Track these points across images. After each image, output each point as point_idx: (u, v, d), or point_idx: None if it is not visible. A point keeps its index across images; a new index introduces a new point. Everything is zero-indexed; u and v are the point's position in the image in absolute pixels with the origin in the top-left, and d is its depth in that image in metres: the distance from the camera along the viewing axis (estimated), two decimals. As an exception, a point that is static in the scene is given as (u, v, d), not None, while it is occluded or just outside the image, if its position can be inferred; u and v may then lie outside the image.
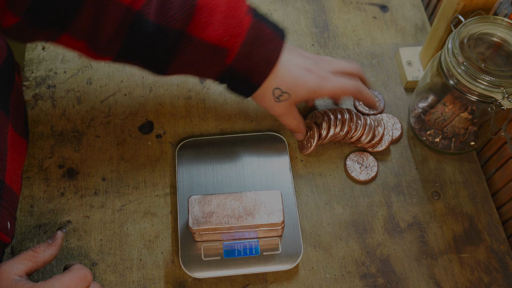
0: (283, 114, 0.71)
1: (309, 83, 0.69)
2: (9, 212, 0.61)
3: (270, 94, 0.68)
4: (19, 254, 0.57)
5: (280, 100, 0.69)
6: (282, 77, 0.67)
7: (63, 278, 0.56)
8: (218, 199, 0.66)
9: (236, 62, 0.65)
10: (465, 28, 0.66)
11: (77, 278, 0.56)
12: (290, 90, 0.68)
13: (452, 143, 0.76)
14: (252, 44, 0.64)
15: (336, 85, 0.70)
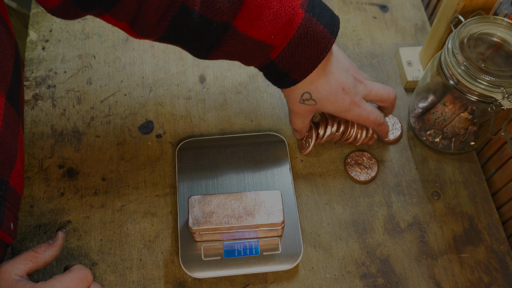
0: (297, 114, 0.71)
1: (340, 104, 0.68)
2: (12, 213, 0.61)
3: (299, 94, 0.67)
4: (20, 254, 0.57)
5: (304, 103, 0.68)
6: (318, 86, 0.66)
7: (63, 278, 0.56)
8: (218, 199, 0.66)
9: (279, 58, 0.64)
10: (465, 28, 0.66)
11: (78, 279, 0.56)
12: (318, 100, 0.67)
13: (452, 143, 0.76)
14: (300, 44, 0.62)
15: (361, 115, 0.70)
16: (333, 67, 0.66)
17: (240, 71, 0.84)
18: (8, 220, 0.60)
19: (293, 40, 0.62)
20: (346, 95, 0.67)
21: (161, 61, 0.84)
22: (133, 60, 0.84)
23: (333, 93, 0.67)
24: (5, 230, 0.59)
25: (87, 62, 0.83)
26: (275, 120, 0.79)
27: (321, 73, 0.66)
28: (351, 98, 0.68)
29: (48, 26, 0.86)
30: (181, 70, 0.83)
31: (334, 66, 0.66)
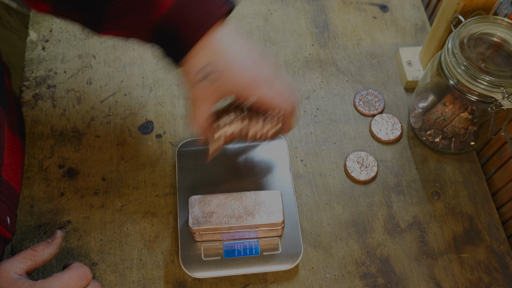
0: (198, 99, 0.60)
1: (245, 77, 0.58)
2: (8, 207, 0.61)
3: (196, 69, 0.58)
4: (19, 253, 0.58)
5: (207, 79, 0.58)
6: (220, 52, 0.57)
7: (62, 276, 0.56)
8: (218, 199, 0.66)
9: (167, 17, 0.55)
10: (465, 28, 0.66)
11: (77, 276, 0.56)
12: (222, 74, 0.57)
13: (452, 143, 0.76)
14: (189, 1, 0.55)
15: (267, 95, 0.60)
16: (232, 40, 0.58)
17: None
18: (4, 213, 0.60)
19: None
20: (254, 65, 0.59)
21: (161, 61, 0.84)
22: (133, 60, 0.84)
23: (232, 68, 0.57)
24: (1, 223, 0.59)
25: (87, 62, 0.83)
26: (275, 120, 0.79)
27: (218, 43, 0.57)
28: (252, 76, 0.59)
29: (48, 26, 0.86)
30: (181, 70, 0.83)
31: (233, 39, 0.58)
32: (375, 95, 0.82)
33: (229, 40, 0.58)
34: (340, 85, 0.83)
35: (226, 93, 0.60)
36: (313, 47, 0.86)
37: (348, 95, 0.82)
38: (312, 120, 0.80)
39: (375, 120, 0.79)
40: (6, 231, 0.61)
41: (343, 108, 0.81)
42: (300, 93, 0.82)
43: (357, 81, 0.83)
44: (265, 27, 0.88)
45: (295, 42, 0.87)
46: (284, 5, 0.90)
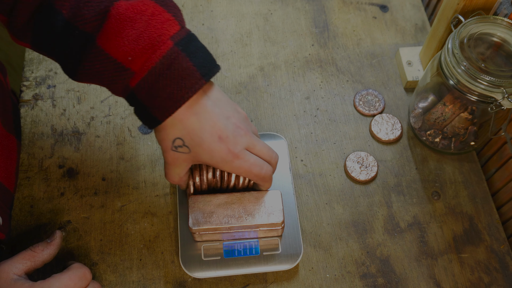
0: (171, 165, 0.61)
1: (216, 154, 0.59)
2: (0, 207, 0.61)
3: (170, 139, 0.59)
4: (18, 253, 0.58)
5: (177, 151, 0.59)
6: (189, 130, 0.58)
7: (62, 277, 0.56)
8: (218, 199, 0.66)
9: (139, 89, 0.56)
10: (465, 28, 0.66)
11: (77, 277, 0.56)
12: (192, 148, 0.59)
13: (452, 143, 0.76)
14: (161, 75, 0.55)
15: (242, 168, 0.61)
16: (208, 112, 0.58)
17: (240, 71, 0.84)
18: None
19: (154, 69, 0.55)
20: (222, 143, 0.59)
21: (161, 61, 0.84)
22: (133, 60, 0.84)
23: (207, 141, 0.58)
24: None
25: (87, 62, 0.83)
26: (275, 120, 0.79)
27: (193, 116, 0.57)
28: (228, 147, 0.59)
29: (48, 26, 0.86)
30: (181, 70, 0.83)
31: (209, 111, 0.58)
32: (375, 95, 0.82)
33: (202, 113, 0.58)
34: (340, 85, 0.83)
35: (203, 162, 0.61)
36: (313, 47, 0.86)
37: (348, 95, 0.82)
38: (312, 120, 0.80)
39: (375, 120, 0.79)
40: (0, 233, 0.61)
41: (343, 108, 0.81)
42: (300, 93, 0.82)
43: (357, 81, 0.83)
44: (265, 27, 0.88)
45: (295, 42, 0.87)
46: (284, 5, 0.90)
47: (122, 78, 0.56)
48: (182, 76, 0.55)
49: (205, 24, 0.88)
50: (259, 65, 0.84)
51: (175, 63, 0.55)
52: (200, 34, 0.87)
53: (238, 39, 0.87)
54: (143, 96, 0.56)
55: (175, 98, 0.55)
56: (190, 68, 0.56)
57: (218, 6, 0.90)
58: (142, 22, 0.55)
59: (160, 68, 0.55)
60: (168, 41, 0.55)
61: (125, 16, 0.54)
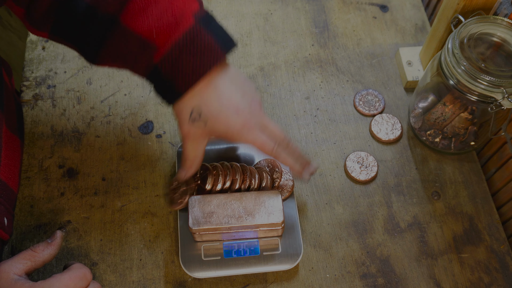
0: (188, 138, 0.63)
1: (232, 125, 0.61)
2: (5, 208, 0.61)
3: (187, 112, 0.61)
4: (18, 253, 0.58)
5: (194, 125, 0.61)
6: (207, 101, 0.60)
7: (62, 277, 0.56)
8: (218, 199, 0.66)
9: (163, 63, 0.59)
10: (465, 28, 0.66)
11: (77, 277, 0.56)
12: (208, 120, 0.61)
13: (452, 143, 0.76)
14: (185, 49, 0.58)
15: (256, 141, 0.63)
16: (226, 86, 0.61)
17: (240, 71, 0.84)
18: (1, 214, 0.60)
19: (177, 44, 0.58)
20: (239, 116, 0.61)
21: (161, 61, 0.84)
22: (133, 60, 0.84)
23: (224, 112, 0.61)
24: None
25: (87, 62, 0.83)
26: (275, 120, 0.79)
27: (211, 89, 0.60)
28: (245, 120, 0.62)
29: (48, 26, 0.86)
30: (181, 70, 0.83)
31: (227, 85, 0.61)
32: (375, 95, 0.82)
33: (220, 87, 0.61)
34: (340, 85, 0.83)
35: (217, 136, 0.63)
36: (313, 47, 0.86)
37: (348, 95, 0.82)
38: (312, 120, 0.80)
39: (375, 120, 0.79)
40: (3, 232, 0.61)
41: (343, 108, 0.81)
42: (300, 93, 0.82)
43: (357, 81, 0.83)
44: (265, 27, 0.88)
45: (295, 42, 0.87)
46: (284, 5, 0.90)
47: (147, 54, 0.58)
48: (204, 50, 0.58)
49: (205, 24, 0.88)
50: (259, 65, 0.84)
51: (197, 38, 0.58)
52: (200, 34, 0.87)
53: (238, 39, 0.87)
54: (167, 71, 0.58)
55: (198, 71, 0.58)
56: (212, 43, 0.59)
57: (218, 6, 0.90)
58: (165, 0, 0.58)
59: (183, 43, 0.58)
60: (190, 18, 0.58)
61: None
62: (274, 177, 0.71)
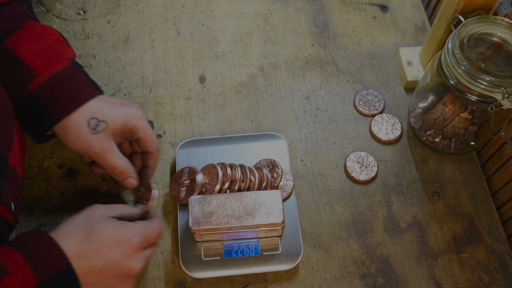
0: (105, 151, 0.64)
1: (130, 111, 0.66)
2: (12, 193, 0.62)
3: (85, 127, 0.63)
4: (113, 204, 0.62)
5: (98, 132, 0.63)
6: (95, 108, 0.64)
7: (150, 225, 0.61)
8: (218, 199, 0.66)
9: (40, 90, 0.62)
10: (465, 28, 0.66)
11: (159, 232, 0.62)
12: (107, 118, 0.64)
13: (452, 143, 0.76)
14: (64, 80, 0.63)
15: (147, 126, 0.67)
16: (107, 98, 0.67)
17: (240, 71, 0.84)
18: (8, 197, 0.60)
19: (58, 74, 0.63)
20: (128, 107, 0.66)
21: (161, 61, 0.84)
22: (133, 60, 0.84)
23: (115, 104, 0.66)
24: (5, 206, 0.59)
25: (87, 62, 0.83)
26: (275, 120, 0.79)
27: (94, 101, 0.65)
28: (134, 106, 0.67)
29: (48, 26, 0.86)
30: (181, 70, 0.83)
31: (107, 98, 0.67)
32: (375, 95, 0.82)
33: (102, 98, 0.66)
34: (340, 85, 0.83)
35: (117, 132, 0.65)
36: (313, 47, 0.86)
37: (348, 95, 0.82)
38: (312, 120, 0.80)
39: (375, 120, 0.79)
40: (11, 217, 0.61)
41: (343, 108, 0.81)
42: (300, 93, 0.82)
43: (357, 81, 0.83)
44: (265, 27, 0.88)
45: (295, 42, 0.87)
46: (284, 5, 0.90)
47: (24, 79, 0.62)
48: (81, 84, 0.64)
49: (205, 24, 0.88)
50: (259, 65, 0.84)
51: (75, 74, 0.64)
52: (200, 34, 0.87)
53: (238, 39, 0.87)
54: (43, 97, 0.62)
55: (75, 100, 0.63)
56: (87, 81, 0.65)
57: (218, 6, 0.90)
58: (49, 42, 0.64)
59: (62, 75, 0.63)
60: (71, 60, 0.65)
61: (37, 32, 0.64)
62: (274, 177, 0.71)
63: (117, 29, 0.86)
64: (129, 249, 0.57)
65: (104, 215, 0.59)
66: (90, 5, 0.88)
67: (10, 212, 0.61)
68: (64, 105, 0.63)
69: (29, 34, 0.64)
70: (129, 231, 0.58)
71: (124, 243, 0.57)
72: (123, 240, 0.57)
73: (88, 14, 0.87)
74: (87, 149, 0.64)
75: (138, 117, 0.66)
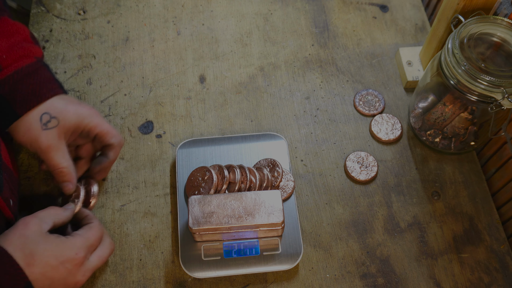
0: (51, 148, 0.63)
1: (83, 111, 0.66)
2: (9, 188, 0.62)
3: (36, 121, 0.63)
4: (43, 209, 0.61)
5: (48, 128, 0.63)
6: (52, 104, 0.64)
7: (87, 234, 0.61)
8: (218, 199, 0.66)
9: (3, 84, 0.63)
10: (465, 28, 0.66)
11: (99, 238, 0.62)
12: (59, 116, 0.64)
13: (452, 143, 0.76)
14: (28, 75, 0.63)
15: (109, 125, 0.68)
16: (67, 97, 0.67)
17: (240, 71, 0.84)
18: (7, 192, 0.60)
19: (21, 69, 0.63)
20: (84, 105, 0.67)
21: (161, 61, 0.84)
22: (133, 60, 0.84)
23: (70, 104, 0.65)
24: (5, 200, 0.59)
25: (87, 62, 0.83)
26: (275, 120, 0.79)
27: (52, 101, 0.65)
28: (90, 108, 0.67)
29: (48, 26, 0.86)
30: (181, 70, 0.83)
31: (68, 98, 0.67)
32: (375, 95, 0.82)
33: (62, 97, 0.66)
34: (340, 85, 0.83)
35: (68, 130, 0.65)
36: (313, 47, 0.86)
37: (348, 95, 0.82)
38: (312, 120, 0.80)
39: (375, 120, 0.79)
40: (10, 212, 0.61)
41: (343, 108, 0.81)
42: (300, 93, 0.82)
43: (357, 81, 0.83)
44: (265, 27, 0.88)
45: (295, 42, 0.87)
46: (284, 5, 0.90)
47: None
48: (45, 81, 0.65)
49: (205, 24, 0.88)
50: (259, 65, 0.84)
51: (40, 71, 0.65)
52: (200, 34, 0.87)
53: (238, 39, 0.87)
54: (6, 91, 0.62)
55: (38, 94, 0.63)
56: (51, 78, 0.66)
57: (218, 6, 0.90)
58: (18, 40, 0.65)
59: (26, 70, 0.64)
60: (34, 58, 0.65)
61: (8, 29, 0.65)
62: (274, 177, 0.71)
63: (117, 29, 0.86)
64: (74, 266, 0.58)
65: (39, 233, 0.58)
66: (90, 5, 0.88)
67: (9, 207, 0.61)
68: (27, 99, 0.63)
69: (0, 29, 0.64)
70: (71, 249, 0.58)
71: (68, 262, 0.57)
72: (67, 259, 0.57)
73: (88, 14, 0.87)
74: (34, 143, 0.63)
75: (92, 115, 0.66)
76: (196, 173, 0.71)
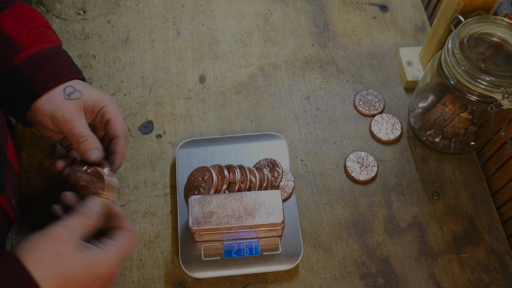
0: (75, 116, 0.62)
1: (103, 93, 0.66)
2: (12, 187, 0.62)
3: (59, 92, 0.63)
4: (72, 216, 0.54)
5: (71, 98, 0.63)
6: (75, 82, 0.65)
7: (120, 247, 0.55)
8: (218, 199, 0.66)
9: (25, 64, 0.63)
10: (465, 28, 0.66)
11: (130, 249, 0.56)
12: (83, 89, 0.64)
13: (452, 143, 0.76)
14: (49, 57, 0.64)
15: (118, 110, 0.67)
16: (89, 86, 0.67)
17: (240, 71, 0.84)
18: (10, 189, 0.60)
19: (44, 51, 0.64)
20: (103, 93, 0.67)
21: (161, 61, 0.84)
22: (133, 60, 0.84)
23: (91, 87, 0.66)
24: (8, 199, 0.59)
25: (87, 62, 0.83)
26: (275, 120, 0.79)
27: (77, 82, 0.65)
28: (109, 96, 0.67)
29: (48, 26, 0.86)
30: (181, 70, 0.83)
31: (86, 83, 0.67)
32: (375, 95, 0.82)
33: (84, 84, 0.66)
34: (340, 85, 0.83)
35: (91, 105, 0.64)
36: (313, 47, 0.86)
37: (348, 95, 0.82)
38: (312, 120, 0.80)
39: (375, 120, 0.79)
40: (12, 211, 0.61)
41: (343, 108, 0.81)
42: (300, 93, 0.82)
43: (357, 81, 0.83)
44: (265, 27, 0.88)
45: (295, 42, 0.87)
46: (284, 5, 0.90)
47: (10, 53, 0.63)
48: (65, 64, 0.65)
49: (205, 24, 0.88)
50: (259, 65, 0.84)
51: (60, 54, 0.66)
52: (200, 34, 0.87)
53: (238, 39, 0.87)
54: (27, 71, 0.63)
55: (58, 75, 0.64)
56: (71, 63, 0.66)
57: (218, 6, 0.90)
58: (37, 24, 0.66)
59: (47, 52, 0.64)
60: (54, 43, 0.66)
61: (26, 13, 0.66)
62: (274, 177, 0.71)
63: (117, 29, 0.86)
64: (105, 280, 0.53)
65: (72, 248, 0.51)
66: (90, 5, 0.88)
67: (11, 206, 0.61)
68: (47, 79, 0.63)
69: (17, 13, 0.65)
70: (106, 264, 0.53)
71: (101, 277, 0.52)
72: (100, 275, 0.52)
73: (88, 14, 0.87)
74: (56, 112, 0.62)
75: (111, 101, 0.66)
76: (196, 173, 0.71)
